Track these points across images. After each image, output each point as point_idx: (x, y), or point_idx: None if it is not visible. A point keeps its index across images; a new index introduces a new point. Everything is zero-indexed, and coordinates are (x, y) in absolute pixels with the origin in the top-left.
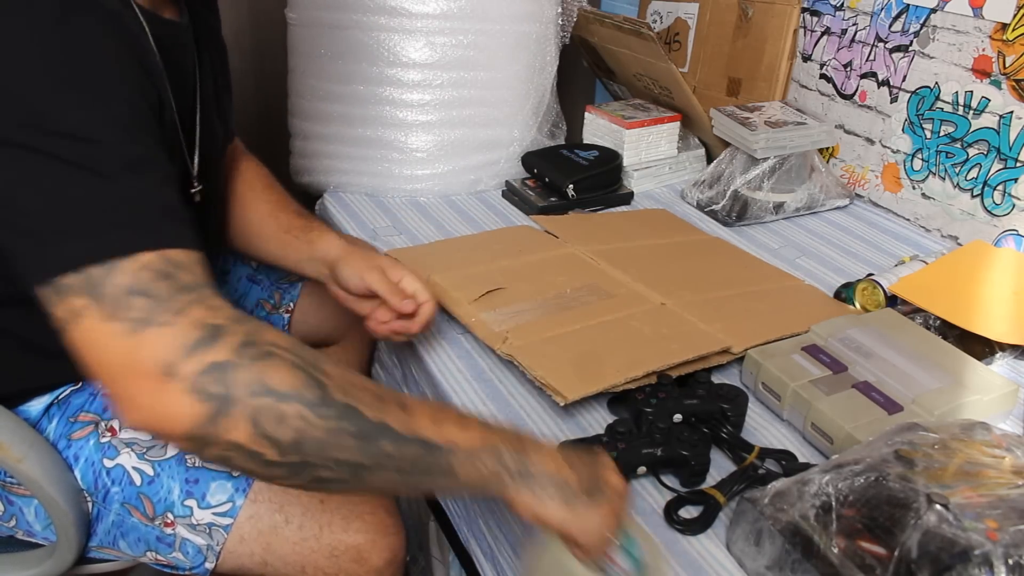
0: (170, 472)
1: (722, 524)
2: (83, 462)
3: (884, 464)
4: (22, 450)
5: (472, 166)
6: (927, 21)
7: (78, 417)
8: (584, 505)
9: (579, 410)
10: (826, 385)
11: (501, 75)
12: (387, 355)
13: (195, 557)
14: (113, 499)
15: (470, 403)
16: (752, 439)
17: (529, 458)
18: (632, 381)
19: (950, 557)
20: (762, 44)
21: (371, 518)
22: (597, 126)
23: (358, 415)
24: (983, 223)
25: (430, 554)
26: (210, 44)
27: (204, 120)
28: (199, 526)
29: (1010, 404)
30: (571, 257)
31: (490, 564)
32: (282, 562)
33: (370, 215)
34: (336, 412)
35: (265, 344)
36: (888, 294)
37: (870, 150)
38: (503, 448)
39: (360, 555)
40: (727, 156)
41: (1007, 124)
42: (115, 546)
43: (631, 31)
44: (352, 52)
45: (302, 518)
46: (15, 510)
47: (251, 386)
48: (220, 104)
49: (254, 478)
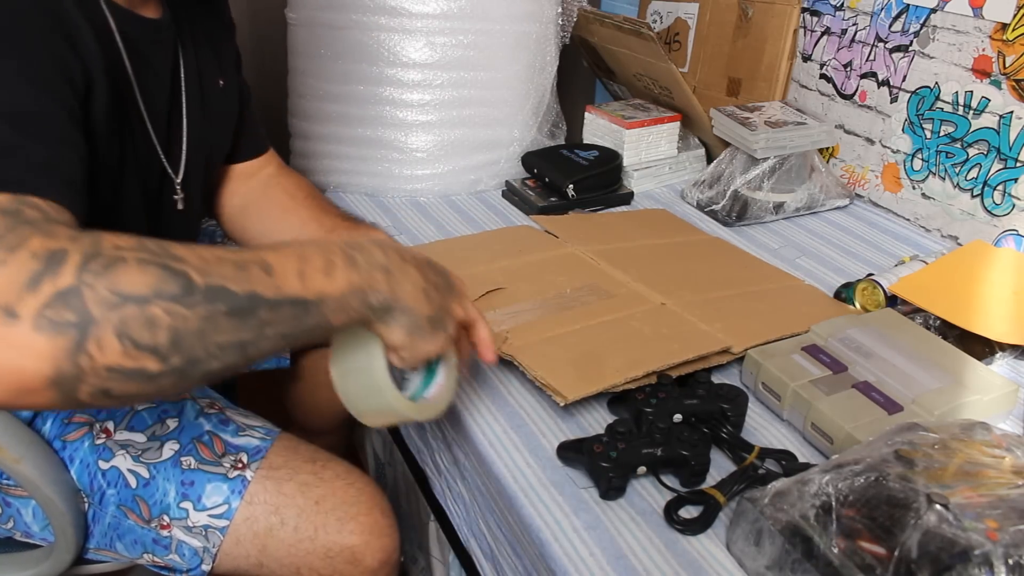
0: (166, 474)
1: (722, 524)
2: (78, 464)
3: (884, 464)
4: (19, 451)
5: (472, 166)
6: (927, 21)
7: (72, 418)
8: (424, 335)
9: (579, 410)
10: (826, 385)
11: (501, 75)
12: None
13: (192, 559)
14: (109, 501)
15: (470, 403)
16: (752, 439)
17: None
18: (632, 381)
19: (950, 557)
20: (762, 44)
21: (366, 519)
22: (597, 126)
23: (227, 293)
24: (983, 223)
25: (430, 554)
26: (200, 46)
27: (191, 125)
28: (195, 528)
29: (1010, 404)
30: (571, 257)
31: (490, 564)
32: (278, 564)
33: (370, 215)
34: (204, 297)
35: (109, 250)
36: (888, 294)
37: (870, 150)
38: (368, 291)
39: (354, 556)
40: (727, 156)
41: (1007, 124)
42: (112, 548)
43: (631, 31)
44: (352, 52)
45: (297, 520)
46: (12, 511)
47: (107, 300)
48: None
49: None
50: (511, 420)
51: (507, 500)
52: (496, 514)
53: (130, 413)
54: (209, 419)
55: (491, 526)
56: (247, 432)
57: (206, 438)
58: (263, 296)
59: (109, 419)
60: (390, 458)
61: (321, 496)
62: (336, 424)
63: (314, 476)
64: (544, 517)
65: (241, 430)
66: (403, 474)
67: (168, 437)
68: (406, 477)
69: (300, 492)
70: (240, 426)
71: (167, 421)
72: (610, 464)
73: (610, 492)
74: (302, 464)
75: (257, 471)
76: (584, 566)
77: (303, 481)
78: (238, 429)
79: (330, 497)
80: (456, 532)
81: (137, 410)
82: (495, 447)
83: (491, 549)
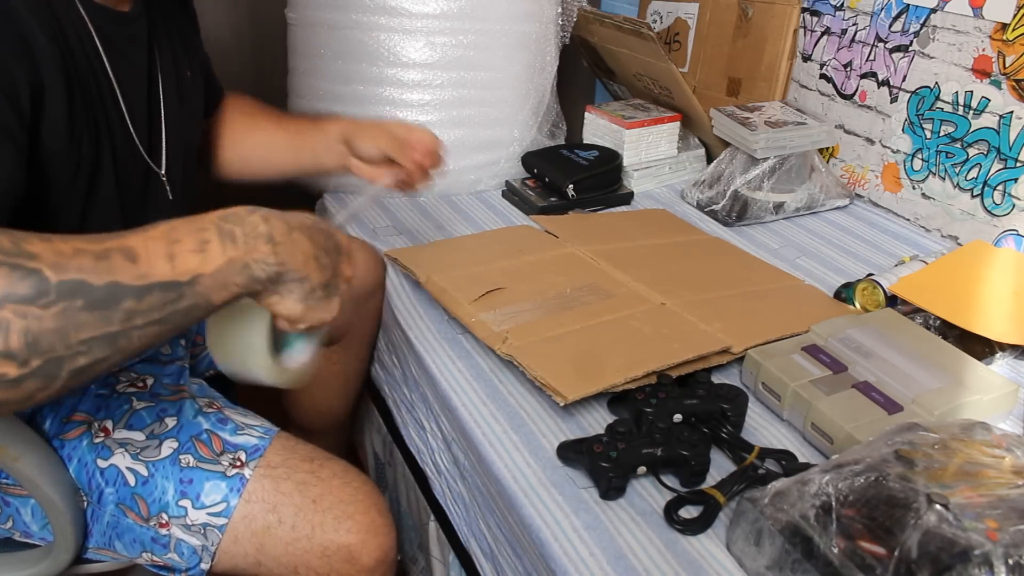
0: (164, 472)
1: (722, 524)
2: (76, 463)
3: (884, 464)
4: (18, 448)
5: (472, 166)
6: (927, 21)
7: (71, 417)
8: (319, 302)
9: (579, 410)
10: (826, 385)
11: (501, 75)
12: (387, 355)
13: (191, 558)
14: (108, 500)
15: (470, 403)
16: (752, 439)
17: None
18: (632, 381)
19: (950, 557)
20: (762, 44)
21: (362, 518)
22: (597, 126)
23: (84, 286)
24: (983, 223)
25: (430, 554)
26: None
27: (169, 115)
28: (194, 526)
29: (1010, 404)
30: (571, 257)
31: (490, 564)
32: (275, 562)
33: (370, 215)
34: (58, 294)
35: None
36: (888, 294)
37: (870, 150)
38: (251, 263)
39: (351, 555)
40: (727, 156)
41: (1007, 124)
42: (111, 547)
43: (631, 31)
44: (352, 52)
45: (295, 518)
46: (11, 511)
47: None
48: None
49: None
50: (511, 420)
51: (507, 500)
52: (496, 514)
53: (128, 412)
54: (208, 418)
55: (491, 526)
56: (245, 431)
57: (204, 436)
58: (126, 284)
59: (108, 418)
60: (390, 458)
61: (319, 495)
62: (335, 424)
63: (312, 475)
64: (544, 517)
65: (239, 429)
66: (403, 474)
67: (167, 435)
68: (406, 477)
69: (298, 491)
70: (238, 425)
71: (166, 420)
72: (610, 464)
73: (610, 492)
74: (300, 463)
75: (255, 470)
76: (584, 566)
77: (301, 480)
78: (236, 428)
79: (327, 496)
80: (456, 532)
81: (136, 408)
82: (495, 447)
83: (491, 549)
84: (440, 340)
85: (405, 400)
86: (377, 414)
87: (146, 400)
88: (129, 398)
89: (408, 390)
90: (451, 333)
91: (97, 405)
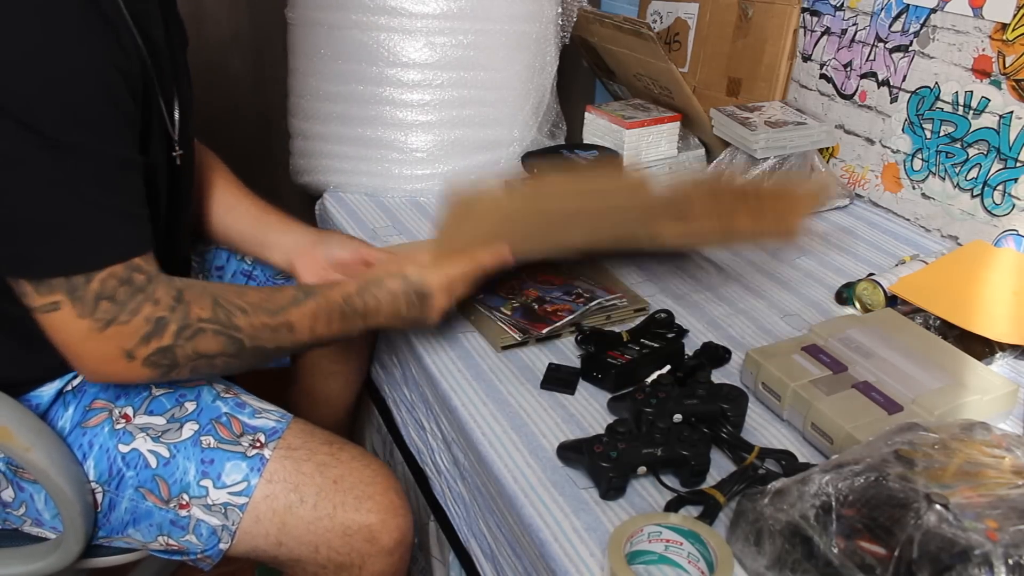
0: (186, 453)
1: (722, 524)
2: (97, 449)
3: (884, 464)
4: (29, 439)
5: (472, 166)
6: (927, 21)
7: (92, 404)
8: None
9: (579, 410)
10: (826, 385)
11: (501, 75)
12: (387, 355)
13: (209, 539)
14: (127, 484)
15: (470, 403)
16: (752, 439)
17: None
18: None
19: (950, 557)
20: (762, 44)
21: (382, 498)
22: (597, 126)
23: (263, 350)
24: (983, 223)
25: (430, 554)
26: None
27: (180, 89)
28: (214, 506)
29: (1010, 404)
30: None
31: (490, 564)
32: (296, 542)
33: (370, 215)
34: (249, 353)
35: (195, 323)
36: (888, 294)
37: (870, 150)
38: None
39: (372, 535)
40: (727, 156)
41: (1007, 124)
42: (125, 533)
43: (631, 31)
44: (352, 52)
45: (316, 497)
46: (26, 496)
47: (189, 355)
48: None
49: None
50: (511, 420)
51: (507, 500)
52: (496, 514)
53: (148, 398)
54: (226, 402)
55: (491, 526)
56: (263, 415)
57: (224, 419)
58: (285, 347)
59: (128, 404)
60: (390, 458)
61: (339, 476)
62: (335, 423)
63: (331, 457)
64: (544, 517)
65: (257, 413)
66: (403, 474)
67: (187, 418)
68: (406, 477)
69: (318, 471)
70: (256, 409)
71: (185, 404)
72: (610, 464)
73: (610, 492)
74: (319, 445)
75: (275, 450)
76: (584, 566)
77: (321, 461)
78: (255, 412)
79: (348, 477)
80: (456, 532)
81: (155, 395)
82: (495, 447)
83: (491, 549)
84: (440, 340)
85: (405, 400)
86: (377, 414)
87: (165, 387)
88: (148, 385)
89: (408, 390)
90: (451, 333)
91: (117, 393)
